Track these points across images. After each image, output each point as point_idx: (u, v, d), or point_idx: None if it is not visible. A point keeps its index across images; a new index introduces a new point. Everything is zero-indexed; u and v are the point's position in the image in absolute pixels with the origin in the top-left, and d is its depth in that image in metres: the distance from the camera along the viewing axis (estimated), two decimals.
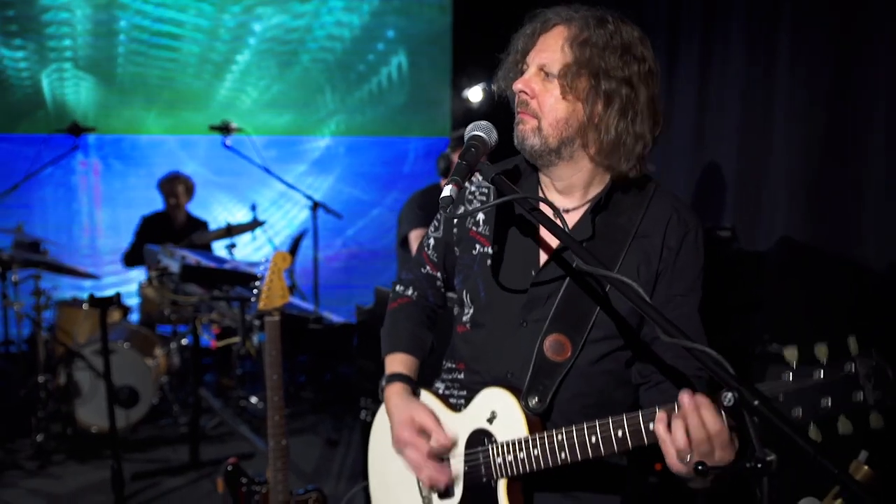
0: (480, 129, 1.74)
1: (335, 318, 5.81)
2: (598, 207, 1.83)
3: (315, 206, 6.43)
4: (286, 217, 7.79)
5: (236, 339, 5.08)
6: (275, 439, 3.15)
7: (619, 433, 1.56)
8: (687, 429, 1.44)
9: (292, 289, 6.39)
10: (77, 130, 5.93)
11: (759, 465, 1.14)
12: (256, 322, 5.06)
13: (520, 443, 1.73)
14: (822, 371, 1.33)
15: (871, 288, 3.63)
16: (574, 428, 1.64)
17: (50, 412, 5.22)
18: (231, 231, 6.02)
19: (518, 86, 1.78)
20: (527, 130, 1.78)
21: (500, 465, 1.77)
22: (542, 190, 1.89)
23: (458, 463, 1.86)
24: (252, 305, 3.62)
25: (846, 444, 1.35)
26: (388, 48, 7.92)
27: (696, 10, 5.06)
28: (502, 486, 1.79)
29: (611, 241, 1.80)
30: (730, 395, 1.16)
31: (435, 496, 1.91)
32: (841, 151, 3.82)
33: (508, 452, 1.75)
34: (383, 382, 1.99)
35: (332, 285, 7.28)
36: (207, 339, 5.49)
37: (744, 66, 4.58)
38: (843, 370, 1.32)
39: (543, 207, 1.80)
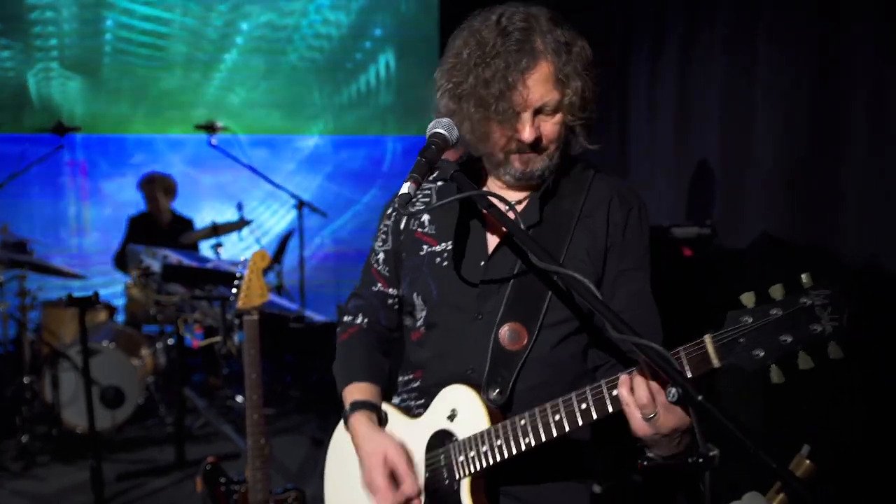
0: (442, 127, 1.73)
1: (317, 318, 5.80)
2: (546, 195, 1.86)
3: (300, 205, 6.42)
4: (274, 216, 7.78)
5: (218, 339, 5.08)
6: (253, 438, 3.15)
7: (583, 406, 1.56)
8: (648, 385, 1.46)
9: (280, 289, 6.39)
10: (62, 130, 5.91)
11: (702, 460, 1.14)
12: (237, 321, 5.05)
13: (482, 435, 1.72)
14: (778, 308, 1.35)
15: (853, 283, 3.63)
16: (536, 409, 1.63)
17: (35, 413, 5.21)
18: (217, 230, 6.01)
19: (527, 137, 1.73)
20: (538, 162, 1.79)
21: (462, 462, 1.75)
22: (482, 185, 1.90)
23: (419, 471, 1.83)
24: (232, 304, 3.62)
25: (790, 441, 1.35)
26: (376, 46, 7.91)
27: (679, 9, 5.07)
28: (465, 485, 1.76)
29: (557, 225, 1.83)
30: (674, 390, 1.16)
31: None
32: (822, 147, 3.83)
33: (471, 448, 1.73)
34: (346, 412, 1.92)
35: (321, 285, 7.27)
36: (191, 339, 5.48)
37: (724, 63, 4.58)
38: (800, 303, 1.34)
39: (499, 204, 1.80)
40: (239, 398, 5.67)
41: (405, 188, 1.61)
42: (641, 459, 1.29)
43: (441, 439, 1.80)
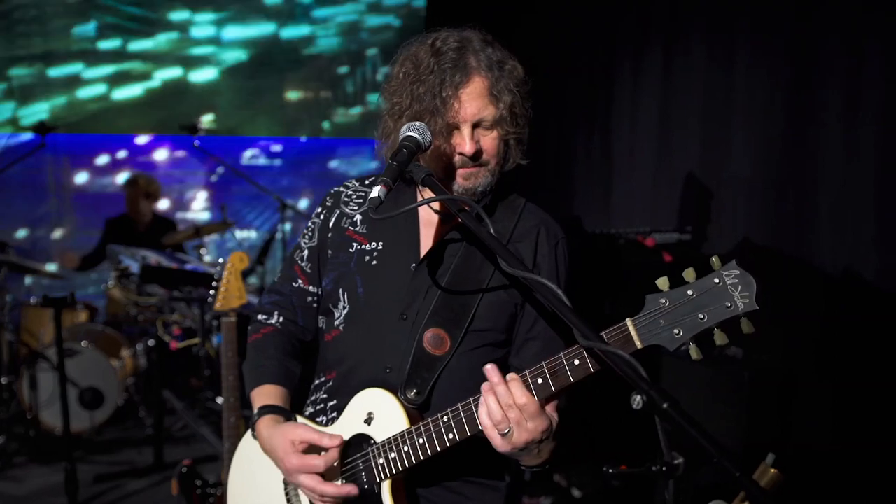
0: (415, 130, 1.72)
1: None
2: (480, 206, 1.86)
3: (283, 206, 6.40)
4: (259, 217, 7.76)
5: (196, 341, 5.05)
6: (230, 441, 3.13)
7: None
8: (497, 400, 1.54)
9: (261, 291, 6.36)
10: (44, 129, 5.86)
11: (665, 469, 1.14)
12: (215, 323, 5.02)
13: (402, 436, 1.71)
14: (693, 289, 1.43)
15: (826, 290, 3.67)
16: (459, 405, 1.65)
17: (12, 414, 5.16)
18: (200, 232, 5.98)
19: (469, 149, 1.77)
20: (480, 177, 1.81)
21: (382, 465, 1.74)
22: (419, 197, 1.88)
23: (336, 478, 1.80)
24: (210, 306, 3.59)
25: (758, 449, 1.36)
26: (363, 50, 7.91)
27: (661, 23, 5.11)
28: (386, 488, 1.74)
29: (484, 245, 1.82)
30: (638, 398, 1.17)
31: None
32: (797, 158, 3.87)
33: (391, 449, 1.72)
34: (254, 417, 1.89)
35: None
36: (167, 340, 5.45)
37: (703, 75, 4.63)
38: (712, 283, 1.42)
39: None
40: (219, 400, 5.64)
41: (376, 192, 1.61)
42: (606, 468, 1.29)
43: (358, 444, 1.79)
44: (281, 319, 2.05)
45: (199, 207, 7.60)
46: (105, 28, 7.24)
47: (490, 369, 1.57)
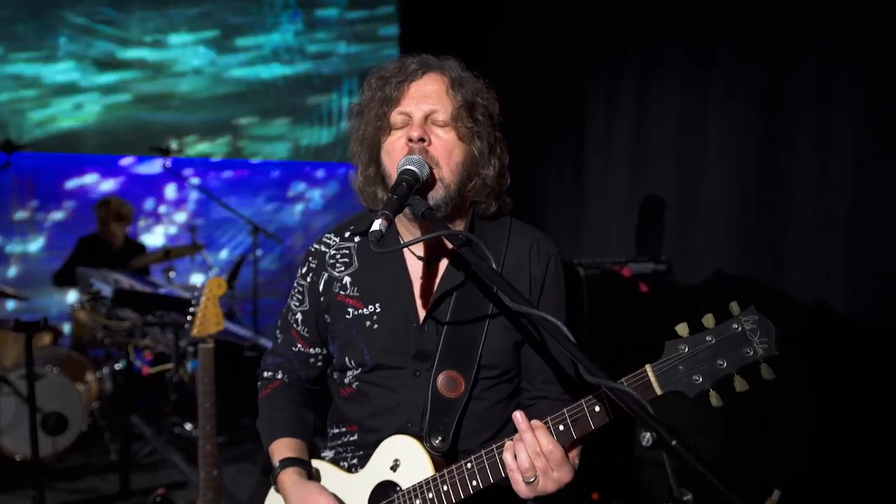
0: (412, 164, 1.73)
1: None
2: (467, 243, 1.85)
3: (255, 230, 6.35)
4: (230, 241, 7.68)
5: (170, 366, 4.97)
6: (206, 469, 3.09)
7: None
8: (525, 448, 1.55)
9: (231, 314, 6.29)
10: (10, 148, 5.75)
11: None
12: (190, 349, 4.95)
13: (427, 483, 1.72)
14: (712, 335, 1.44)
15: (800, 315, 3.75)
16: (483, 451, 1.66)
17: None
18: (169, 254, 5.90)
19: (415, 133, 1.75)
20: (436, 192, 1.78)
21: None
22: (401, 239, 1.87)
23: None
24: (186, 331, 3.55)
25: (761, 484, 1.38)
26: (337, 73, 7.92)
27: (636, 49, 5.20)
28: None
29: (480, 280, 1.85)
30: (648, 435, 1.18)
31: None
32: (768, 187, 3.96)
33: (416, 496, 1.73)
34: (275, 470, 1.90)
35: (274, 312, 7.18)
36: (139, 366, 5.35)
37: (677, 105, 4.72)
38: (731, 329, 1.44)
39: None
40: (188, 426, 5.54)
41: (377, 225, 1.61)
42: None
43: (385, 491, 1.80)
44: (286, 377, 2.07)
45: (164, 232, 7.52)
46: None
47: (518, 417, 1.57)
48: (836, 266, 3.64)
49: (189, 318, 3.06)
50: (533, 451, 1.54)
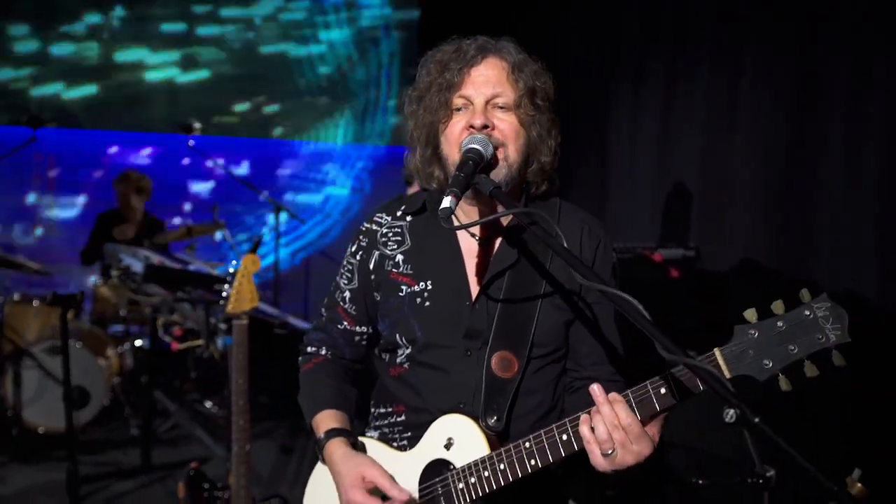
0: (477, 143, 1.73)
1: (301, 324, 5.74)
2: (519, 226, 1.86)
3: (277, 209, 6.37)
4: (253, 219, 7.70)
5: (199, 342, 4.99)
6: (238, 444, 3.12)
7: (564, 437, 1.64)
8: (603, 420, 1.55)
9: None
10: (35, 123, 5.76)
11: (760, 481, 1.17)
12: (222, 325, 4.96)
13: (483, 462, 1.72)
14: (783, 321, 1.45)
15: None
16: (542, 431, 1.66)
17: None
18: (191, 232, 5.91)
19: (478, 121, 1.76)
20: (499, 172, 1.78)
21: (461, 490, 1.75)
22: (456, 219, 1.84)
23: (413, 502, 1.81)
24: (218, 308, 3.57)
25: (842, 462, 1.39)
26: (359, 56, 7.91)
27: (664, 35, 5.17)
28: None
29: (534, 258, 1.86)
30: (732, 412, 1.19)
31: None
32: (799, 172, 3.95)
33: (471, 474, 1.73)
34: (321, 441, 1.90)
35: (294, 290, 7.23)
36: (168, 341, 5.37)
37: (705, 89, 4.69)
38: (802, 315, 1.45)
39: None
40: (207, 403, 5.58)
41: (446, 202, 1.61)
42: (695, 480, 1.32)
43: (437, 469, 1.80)
44: (330, 353, 2.08)
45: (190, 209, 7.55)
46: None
47: (596, 389, 1.58)
48: (866, 255, 3.62)
49: (223, 294, 3.08)
50: (611, 424, 1.54)
